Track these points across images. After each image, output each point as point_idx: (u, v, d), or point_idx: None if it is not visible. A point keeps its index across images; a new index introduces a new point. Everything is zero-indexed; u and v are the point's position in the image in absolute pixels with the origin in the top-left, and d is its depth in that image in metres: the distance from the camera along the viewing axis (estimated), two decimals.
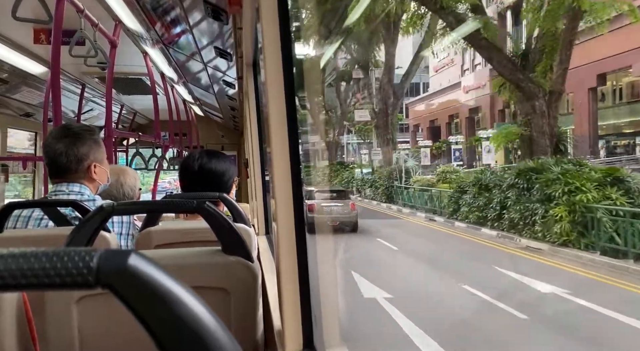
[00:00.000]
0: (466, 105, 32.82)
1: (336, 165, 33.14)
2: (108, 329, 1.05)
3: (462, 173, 20.97)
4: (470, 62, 37.23)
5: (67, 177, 1.73)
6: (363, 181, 26.45)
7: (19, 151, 5.54)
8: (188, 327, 0.35)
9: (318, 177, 30.62)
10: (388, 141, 26.07)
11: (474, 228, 13.70)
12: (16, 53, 3.51)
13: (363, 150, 38.55)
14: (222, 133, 9.45)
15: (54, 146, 1.71)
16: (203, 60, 4.17)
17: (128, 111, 7.21)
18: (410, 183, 21.67)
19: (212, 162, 1.96)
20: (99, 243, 1.21)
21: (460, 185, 15.79)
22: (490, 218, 13.02)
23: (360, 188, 26.57)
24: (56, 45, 2.39)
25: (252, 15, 2.12)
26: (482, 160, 25.59)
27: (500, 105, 29.60)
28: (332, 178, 30.64)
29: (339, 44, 27.57)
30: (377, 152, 30.36)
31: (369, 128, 36.47)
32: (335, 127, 35.59)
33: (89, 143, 1.74)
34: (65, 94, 4.36)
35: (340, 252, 11.83)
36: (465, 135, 30.74)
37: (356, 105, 34.52)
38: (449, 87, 35.86)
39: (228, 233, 1.13)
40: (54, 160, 1.71)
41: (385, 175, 23.71)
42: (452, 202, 15.63)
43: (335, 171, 31.49)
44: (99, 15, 2.69)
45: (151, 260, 0.37)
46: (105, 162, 1.84)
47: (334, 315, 1.22)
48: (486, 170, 16.21)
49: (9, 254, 0.34)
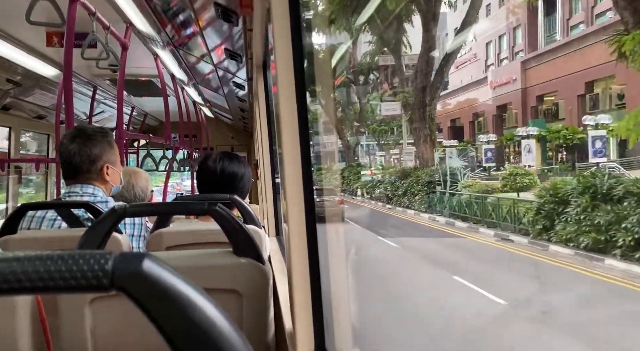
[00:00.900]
0: (493, 102, 30.91)
1: (355, 167, 30.24)
2: (121, 330, 1.05)
3: (535, 176, 17.32)
4: (495, 56, 35.43)
5: (80, 177, 1.75)
6: (393, 185, 21.69)
7: None
8: (201, 330, 0.36)
9: (335, 180, 28.85)
10: (426, 138, 21.32)
11: (590, 257, 9.53)
12: (29, 56, 3.55)
13: (380, 151, 37.03)
14: (232, 135, 9.48)
15: (68, 146, 1.73)
16: (213, 62, 4.18)
17: (139, 113, 7.26)
18: (458, 188, 17.64)
19: (232, 165, 1.98)
20: (111, 244, 1.22)
21: (555, 193, 11.29)
22: (624, 245, 8.89)
23: (391, 193, 21.65)
24: (68, 48, 2.42)
25: (263, 17, 2.12)
26: (522, 161, 22.46)
27: (534, 101, 27.94)
28: (350, 182, 28.07)
29: (362, 26, 24.46)
30: (409, 151, 26.94)
31: (383, 129, 34.86)
32: (352, 126, 33.65)
33: (101, 144, 1.77)
34: (77, 96, 4.41)
35: None
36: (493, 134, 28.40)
37: (383, 98, 30.90)
38: (472, 83, 34.12)
39: (239, 234, 1.13)
40: (68, 160, 1.74)
41: (424, 178, 19.13)
42: (543, 217, 11.44)
43: (355, 174, 28.48)
44: (110, 17, 2.71)
45: (164, 263, 0.37)
46: (118, 164, 1.86)
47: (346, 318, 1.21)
48: (599, 173, 11.81)
49: (26, 257, 0.34)
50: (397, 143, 36.60)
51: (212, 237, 1.50)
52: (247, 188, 2.05)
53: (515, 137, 24.59)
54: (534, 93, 28.09)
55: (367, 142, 36.32)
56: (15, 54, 3.45)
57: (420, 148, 21.71)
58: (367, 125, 34.06)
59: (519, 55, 32.10)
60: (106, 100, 5.55)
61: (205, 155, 2.15)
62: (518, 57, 31.89)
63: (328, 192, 16.86)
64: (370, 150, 37.53)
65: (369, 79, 34.01)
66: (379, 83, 34.90)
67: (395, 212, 20.10)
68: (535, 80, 27.73)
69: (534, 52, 29.31)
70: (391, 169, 27.22)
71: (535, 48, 29.97)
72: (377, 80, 34.59)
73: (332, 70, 31.77)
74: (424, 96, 21.02)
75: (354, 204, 24.41)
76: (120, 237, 1.46)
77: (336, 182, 28.72)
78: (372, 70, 33.40)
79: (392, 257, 11.76)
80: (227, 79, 4.96)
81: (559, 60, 25.98)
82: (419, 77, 21.21)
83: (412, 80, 22.00)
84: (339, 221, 14.28)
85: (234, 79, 4.84)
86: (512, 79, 29.25)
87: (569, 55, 25.24)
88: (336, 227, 8.30)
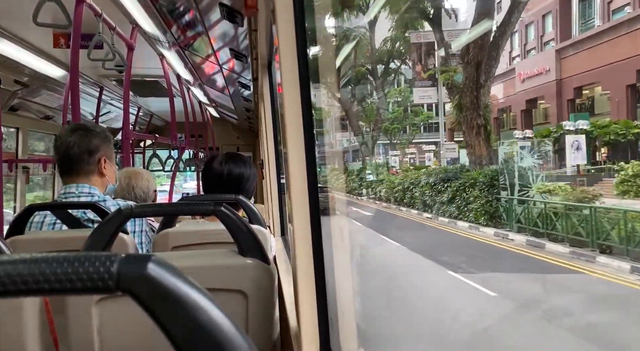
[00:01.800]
0: (522, 95, 27.41)
1: (375, 167, 27.21)
2: (128, 330, 1.05)
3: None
4: (522, 47, 32.30)
5: (78, 171, 1.74)
6: (434, 190, 17.06)
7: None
8: (206, 331, 0.36)
9: (354, 182, 25.90)
10: (479, 129, 16.49)
11: None
12: (37, 57, 3.57)
13: (392, 151, 34.92)
14: (237, 135, 9.50)
15: (66, 139, 1.74)
16: (218, 62, 4.19)
17: (145, 113, 7.30)
18: (531, 194, 13.17)
19: (238, 166, 1.99)
20: (117, 245, 1.22)
21: None
22: None
23: (430, 199, 17.10)
24: (75, 49, 2.43)
25: (268, 17, 2.12)
26: (568, 161, 18.27)
27: (571, 93, 24.58)
28: (371, 184, 24.38)
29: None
30: (450, 147, 23.40)
31: (395, 127, 32.54)
32: (370, 122, 30.76)
33: (100, 137, 1.78)
34: (83, 97, 4.44)
35: None
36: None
37: (415, 83, 26.36)
38: (496, 76, 31.55)
39: (245, 235, 1.13)
40: (65, 154, 1.74)
41: (482, 180, 14.38)
42: None
43: (376, 175, 25.34)
44: (116, 18, 2.72)
45: (170, 266, 0.37)
46: (114, 161, 1.87)
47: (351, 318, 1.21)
48: None
49: (33, 259, 0.35)
50: (410, 142, 34.69)
51: (217, 237, 1.51)
52: (253, 189, 2.06)
53: (555, 133, 20.22)
54: (570, 84, 24.86)
55: (380, 141, 34.41)
56: (22, 55, 3.48)
57: (472, 141, 16.70)
58: (382, 122, 31.37)
59: (549, 46, 29.44)
60: (112, 100, 5.58)
61: (210, 156, 2.15)
62: (548, 48, 29.07)
63: (322, 189, 16.86)
64: (380, 150, 36.09)
65: (389, 68, 31.08)
66: (398, 73, 31.95)
67: (439, 224, 15.53)
68: (573, 70, 24.33)
69: (567, 40, 26.33)
70: (423, 169, 22.64)
71: (569, 36, 27.06)
72: (397, 69, 31.52)
73: (347, 60, 28.36)
74: (478, 75, 16.26)
75: (381, 211, 20.40)
76: (126, 238, 1.47)
77: (354, 184, 25.89)
78: (393, 58, 30.40)
79: (493, 313, 6.91)
80: (232, 79, 4.97)
81: (604, 47, 22.09)
82: (472, 50, 16.31)
83: (463, 55, 16.91)
84: (332, 213, 13.66)
85: (239, 79, 4.85)
86: (545, 69, 26.17)
87: (615, 40, 21.55)
88: (341, 229, 6.61)
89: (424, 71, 26.12)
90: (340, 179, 26.56)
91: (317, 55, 1.85)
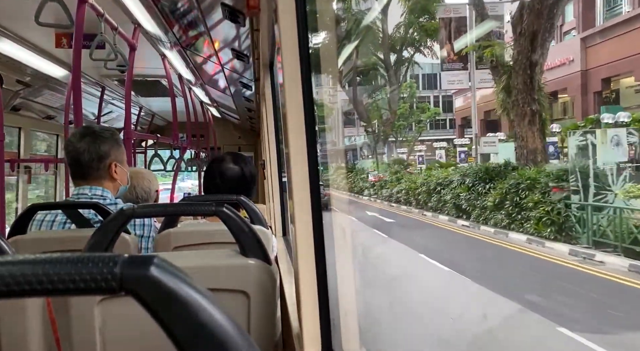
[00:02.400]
0: (551, 86, 24.08)
1: (392, 164, 24.46)
2: (130, 330, 1.06)
3: None
4: None
5: (89, 176, 1.75)
6: (472, 192, 14.06)
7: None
8: (208, 332, 0.36)
9: (364, 182, 23.92)
10: (533, 116, 13.53)
11: None
12: (39, 57, 3.58)
13: (399, 148, 32.78)
14: (239, 135, 9.51)
15: (76, 144, 1.74)
16: (220, 62, 4.20)
17: (146, 113, 7.30)
18: (610, 199, 10.13)
19: (239, 167, 1.99)
20: (119, 245, 1.22)
21: None
22: None
23: (468, 204, 14.18)
24: (77, 49, 2.44)
25: (270, 17, 2.12)
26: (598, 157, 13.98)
27: (598, 85, 22.22)
28: (385, 184, 21.80)
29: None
30: (489, 141, 20.07)
31: (402, 124, 30.65)
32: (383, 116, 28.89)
33: (110, 142, 1.78)
34: (85, 97, 4.44)
35: None
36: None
37: (443, 66, 22.97)
38: None
39: (246, 235, 1.13)
40: (76, 159, 1.74)
41: (548, 180, 11.22)
42: None
43: (393, 173, 22.58)
44: (118, 19, 2.73)
45: (172, 266, 0.37)
46: (125, 163, 1.87)
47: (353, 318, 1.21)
48: None
49: (36, 260, 0.35)
50: (416, 140, 32.99)
51: (219, 237, 1.51)
52: (255, 189, 2.06)
53: (585, 127, 16.05)
54: (598, 75, 22.53)
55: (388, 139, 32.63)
56: (24, 55, 3.48)
57: (524, 133, 13.65)
58: (395, 117, 29.01)
59: (570, 35, 27.55)
60: (114, 100, 5.58)
61: (212, 158, 2.16)
62: (568, 38, 27.03)
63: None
64: (379, 148, 35.63)
65: (402, 58, 29.26)
66: (411, 64, 29.67)
67: (481, 234, 12.41)
68: (601, 59, 22.34)
69: (591, 29, 24.15)
70: (451, 167, 19.29)
71: (593, 24, 24.87)
72: (411, 58, 29.17)
73: (356, 51, 26.54)
74: (533, 49, 13.07)
75: (403, 217, 17.22)
76: (128, 238, 1.47)
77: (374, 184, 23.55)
78: (406, 46, 28.35)
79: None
80: (234, 79, 4.97)
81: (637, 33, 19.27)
82: (527, 18, 13.02)
83: (515, 24, 13.63)
84: (326, 209, 13.09)
85: (241, 79, 4.85)
86: (569, 60, 23.33)
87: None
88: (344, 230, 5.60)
89: (453, 51, 22.28)
90: (349, 178, 25.60)
91: (324, 43, 1.80)
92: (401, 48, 29.08)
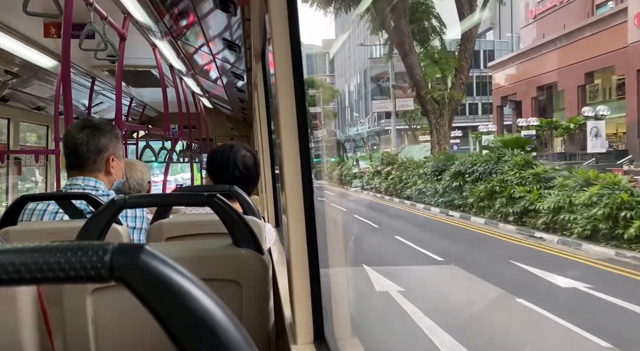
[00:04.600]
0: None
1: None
2: (122, 320, 1.06)
3: None
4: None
5: (85, 168, 1.75)
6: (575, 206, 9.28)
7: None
8: (200, 320, 0.36)
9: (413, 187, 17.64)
10: None
11: None
12: (27, 47, 3.53)
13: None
14: (231, 126, 9.47)
15: (75, 135, 1.73)
16: (212, 52, 4.16)
17: (138, 104, 7.24)
18: None
19: (245, 156, 2.00)
20: (111, 236, 1.22)
21: None
22: None
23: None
24: (66, 39, 2.41)
25: (261, 7, 2.11)
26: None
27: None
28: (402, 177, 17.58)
29: None
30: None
31: (415, 111, 27.04)
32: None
33: (109, 136, 1.78)
34: (75, 87, 4.39)
35: None
36: None
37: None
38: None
39: (238, 225, 1.13)
40: (74, 150, 1.73)
41: None
42: None
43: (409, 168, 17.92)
44: (108, 8, 2.69)
45: (163, 254, 0.37)
46: (122, 158, 1.87)
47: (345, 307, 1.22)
48: None
49: (25, 248, 0.34)
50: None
51: (212, 228, 1.51)
52: (258, 177, 2.10)
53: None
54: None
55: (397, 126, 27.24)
56: (13, 45, 3.43)
57: None
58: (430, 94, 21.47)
59: None
60: (105, 91, 5.53)
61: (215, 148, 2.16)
62: None
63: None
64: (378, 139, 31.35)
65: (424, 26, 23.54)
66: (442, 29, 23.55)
67: (572, 252, 8.63)
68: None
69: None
70: None
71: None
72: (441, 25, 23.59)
73: None
74: None
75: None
76: (120, 228, 1.47)
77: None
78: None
79: None
80: (225, 69, 4.94)
81: None
82: None
83: None
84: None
85: (233, 70, 4.82)
86: None
87: None
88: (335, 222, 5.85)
89: None
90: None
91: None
92: None
